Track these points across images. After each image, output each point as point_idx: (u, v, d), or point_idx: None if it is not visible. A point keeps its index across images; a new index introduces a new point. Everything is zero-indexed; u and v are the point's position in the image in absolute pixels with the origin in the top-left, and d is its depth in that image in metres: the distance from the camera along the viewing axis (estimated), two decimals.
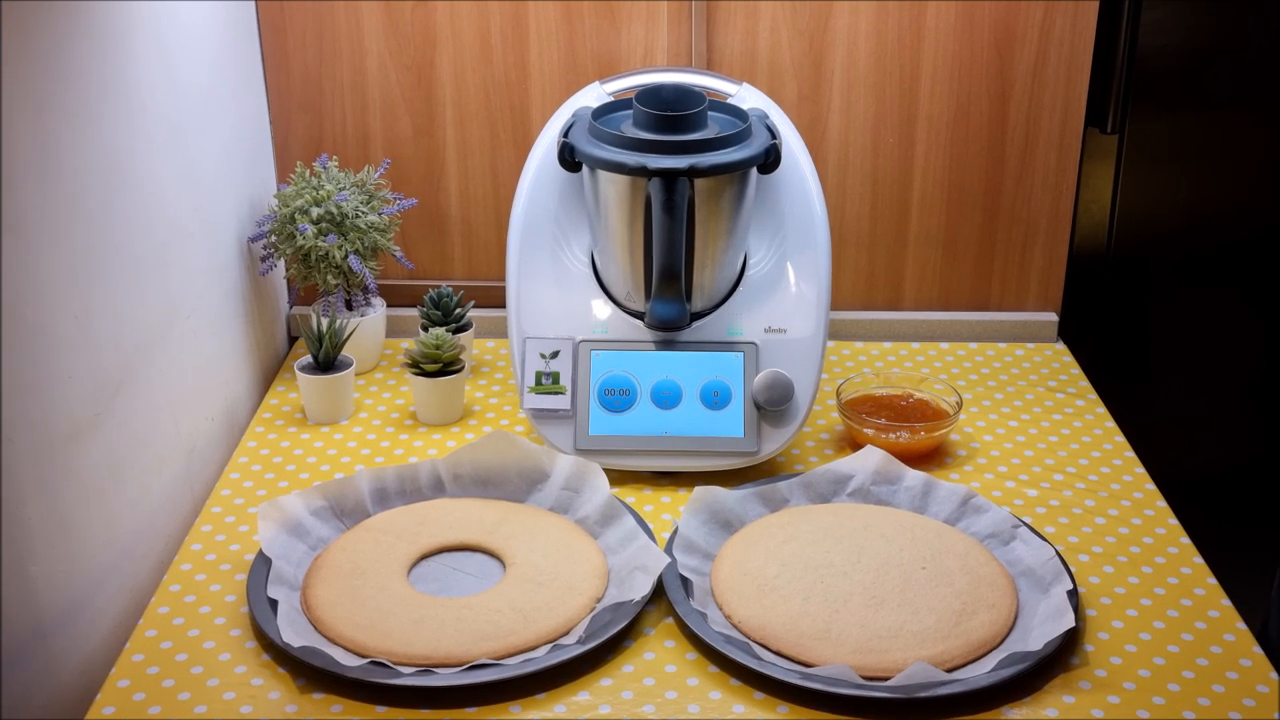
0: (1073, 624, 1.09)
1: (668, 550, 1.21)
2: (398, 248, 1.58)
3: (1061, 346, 1.68)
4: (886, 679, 1.06)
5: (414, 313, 1.63)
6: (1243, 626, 1.14)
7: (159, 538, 1.27)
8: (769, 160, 1.32)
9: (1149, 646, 1.12)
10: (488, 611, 1.13)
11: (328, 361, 1.47)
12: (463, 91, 1.60)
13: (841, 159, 1.62)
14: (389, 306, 1.64)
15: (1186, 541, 1.26)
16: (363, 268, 1.52)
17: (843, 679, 1.06)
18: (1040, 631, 1.10)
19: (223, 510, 1.32)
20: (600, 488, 1.27)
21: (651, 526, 1.26)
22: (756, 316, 1.37)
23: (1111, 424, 1.49)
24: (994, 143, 1.61)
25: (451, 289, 1.55)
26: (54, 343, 1.07)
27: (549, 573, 1.18)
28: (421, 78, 1.60)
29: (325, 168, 1.54)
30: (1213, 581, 1.21)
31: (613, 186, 1.32)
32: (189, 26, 1.36)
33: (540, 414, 1.37)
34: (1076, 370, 1.62)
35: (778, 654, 1.10)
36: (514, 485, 1.32)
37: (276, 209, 1.53)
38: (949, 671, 1.07)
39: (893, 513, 1.27)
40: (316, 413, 1.48)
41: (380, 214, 1.54)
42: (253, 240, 1.54)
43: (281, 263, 1.57)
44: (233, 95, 1.51)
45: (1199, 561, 1.23)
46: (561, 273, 1.40)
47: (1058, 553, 1.19)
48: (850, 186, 1.63)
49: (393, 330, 1.66)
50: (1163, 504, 1.33)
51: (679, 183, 1.26)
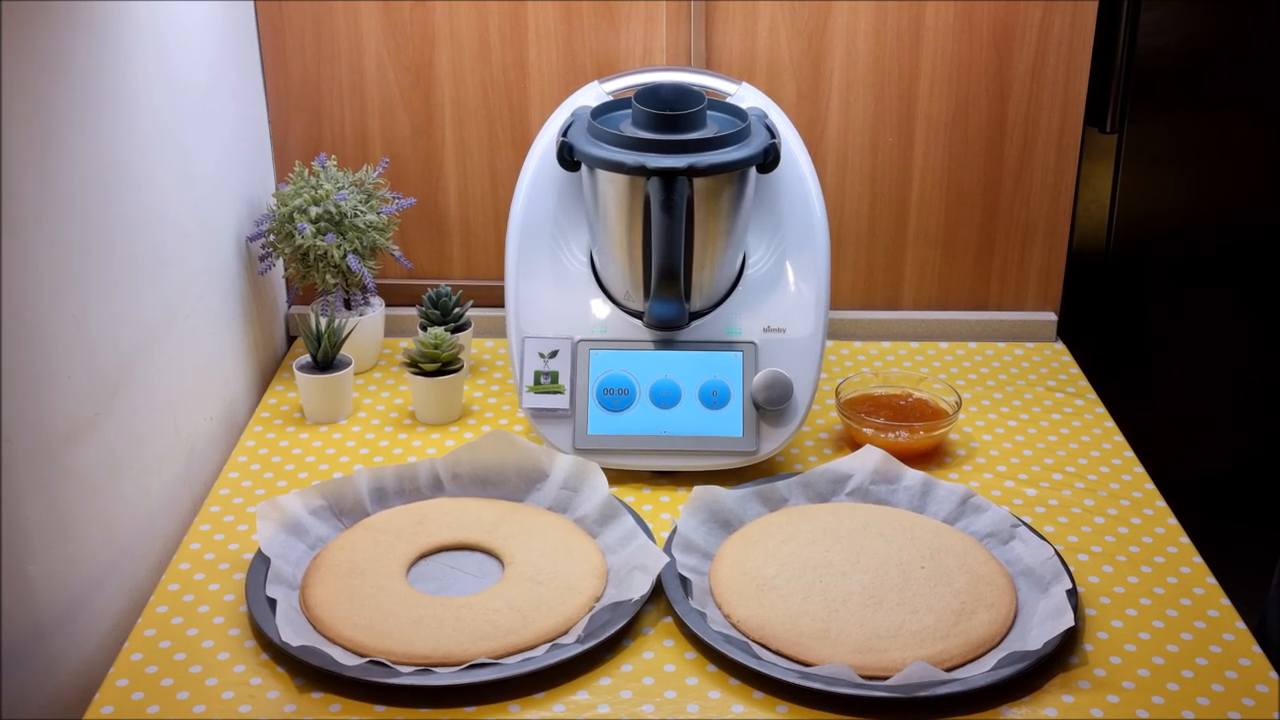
0: (1072, 623, 1.09)
1: (666, 550, 1.21)
2: (396, 247, 1.58)
3: (1060, 346, 1.68)
4: (885, 678, 1.06)
5: (413, 312, 1.63)
6: (1242, 626, 1.14)
7: (158, 537, 1.27)
8: (768, 160, 1.32)
9: (1148, 646, 1.12)
10: (487, 611, 1.13)
11: (326, 361, 1.47)
12: (461, 91, 1.60)
13: (840, 158, 1.62)
14: (387, 306, 1.63)
15: (1186, 541, 1.26)
16: (361, 267, 1.52)
17: (842, 678, 1.06)
18: (1039, 631, 1.10)
19: (221, 509, 1.32)
20: (599, 487, 1.27)
21: (650, 526, 1.26)
22: (755, 316, 1.37)
23: (1110, 423, 1.49)
24: (993, 142, 1.60)
25: (450, 288, 1.54)
26: (52, 343, 1.07)
27: (548, 572, 1.18)
28: (420, 77, 1.60)
29: (324, 167, 1.54)
30: (1212, 581, 1.20)
31: (612, 186, 1.32)
32: (187, 27, 1.36)
33: (539, 413, 1.36)
34: (1075, 370, 1.62)
35: (777, 653, 1.10)
36: (513, 485, 1.31)
37: (275, 208, 1.53)
38: (948, 671, 1.07)
39: (892, 512, 1.27)
40: (315, 412, 1.48)
41: (379, 213, 1.54)
42: (251, 240, 1.54)
43: (280, 262, 1.57)
44: (231, 95, 1.51)
45: (1198, 561, 1.23)
46: (560, 272, 1.40)
47: (1057, 552, 1.19)
48: (849, 186, 1.63)
49: (391, 330, 1.66)
50: (1162, 503, 1.33)
51: (678, 182, 1.26)
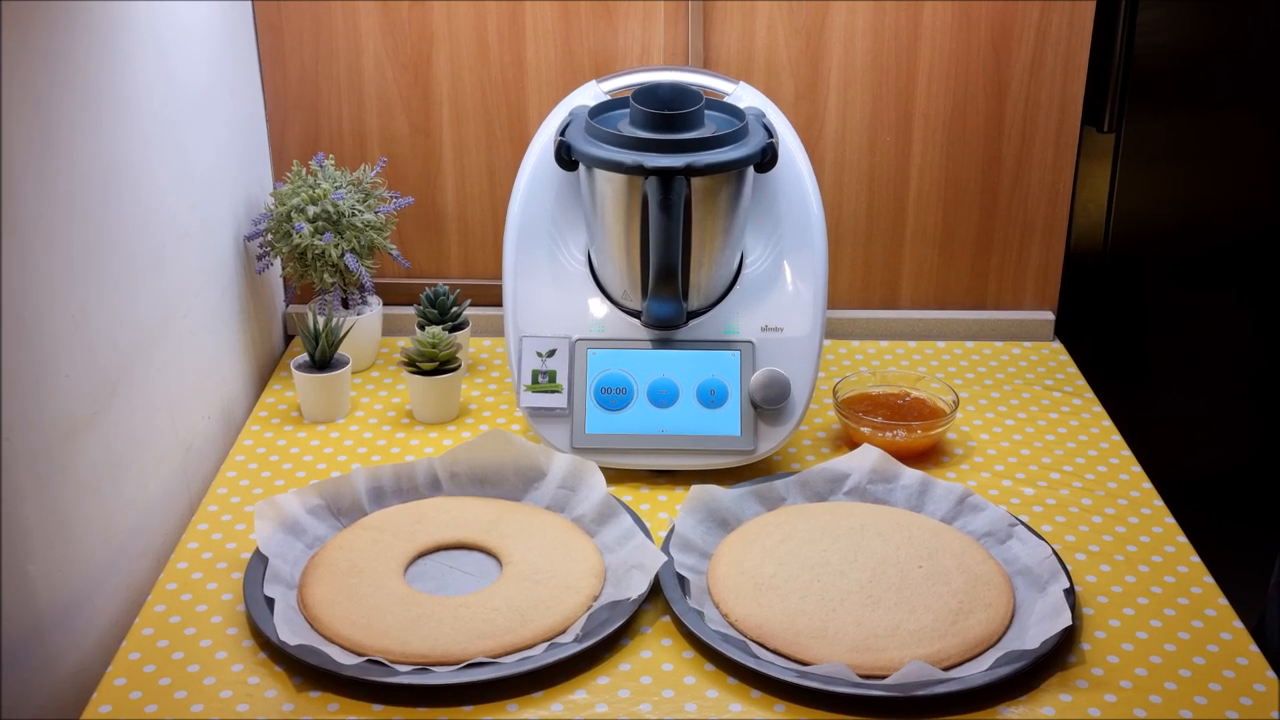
0: (1069, 622, 1.09)
1: (664, 549, 1.21)
2: (394, 246, 1.58)
3: (1058, 345, 1.68)
4: (883, 677, 1.06)
5: (410, 311, 1.63)
6: (1239, 625, 1.14)
7: (156, 536, 1.27)
8: (766, 159, 1.32)
9: (1146, 645, 1.12)
10: (485, 610, 1.13)
11: (324, 360, 1.47)
12: (459, 90, 1.60)
13: (838, 157, 1.62)
14: (385, 305, 1.63)
15: (1183, 540, 1.26)
16: (359, 266, 1.52)
17: (839, 677, 1.06)
18: (1037, 630, 1.10)
19: (219, 509, 1.32)
20: (597, 486, 1.27)
21: (648, 525, 1.26)
22: (753, 315, 1.37)
23: (1108, 422, 1.49)
24: (991, 141, 1.60)
25: (448, 287, 1.54)
26: (51, 342, 1.07)
27: (546, 571, 1.18)
28: (418, 76, 1.59)
29: (321, 166, 1.54)
30: (1209, 580, 1.20)
31: (609, 185, 1.32)
32: (186, 26, 1.36)
33: (537, 412, 1.36)
34: (1073, 369, 1.62)
35: (775, 652, 1.10)
36: (511, 484, 1.31)
37: (273, 207, 1.53)
38: (946, 670, 1.07)
39: (889, 511, 1.27)
40: (313, 411, 1.48)
41: (376, 212, 1.54)
42: (249, 239, 1.53)
43: (278, 261, 1.56)
44: (230, 94, 1.50)
45: (1195, 560, 1.23)
46: (558, 271, 1.40)
47: (1054, 551, 1.19)
48: (847, 185, 1.63)
49: (389, 329, 1.66)
50: (1159, 503, 1.33)
51: (676, 181, 1.26)
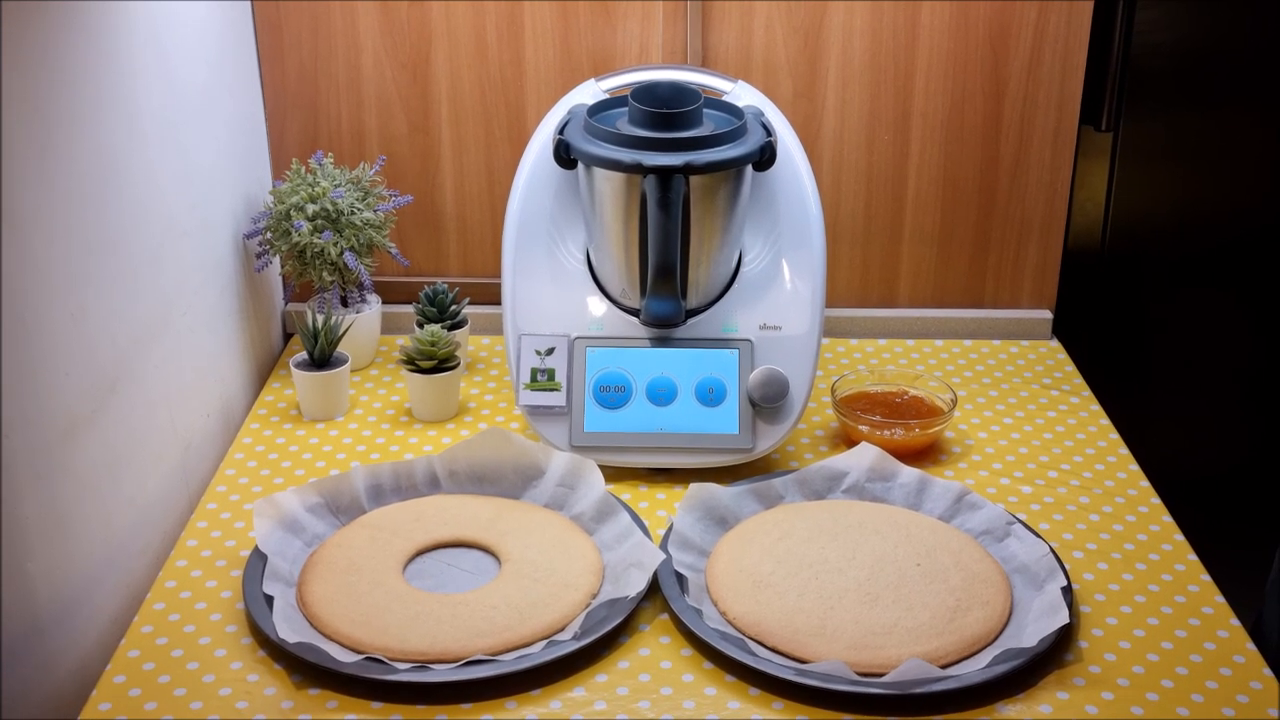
0: (1067, 620, 1.09)
1: (663, 547, 1.21)
2: (393, 244, 1.58)
3: (1056, 344, 1.68)
4: (881, 675, 1.06)
5: (410, 309, 1.63)
6: (1236, 623, 1.14)
7: (155, 534, 1.27)
8: (764, 157, 1.32)
9: (1143, 643, 1.12)
10: (483, 608, 1.13)
11: (323, 358, 1.47)
12: (458, 88, 1.60)
13: (836, 156, 1.62)
14: (384, 303, 1.63)
15: (1180, 539, 1.26)
16: (358, 264, 1.52)
17: (837, 675, 1.06)
18: (1034, 628, 1.10)
19: (218, 506, 1.32)
20: (595, 484, 1.27)
21: (646, 523, 1.26)
22: (751, 313, 1.37)
23: (1106, 421, 1.49)
24: (989, 140, 1.60)
25: (447, 286, 1.54)
26: (51, 340, 1.07)
27: (544, 569, 1.18)
28: (417, 75, 1.59)
29: (320, 165, 1.54)
30: (1206, 578, 1.20)
31: (608, 184, 1.32)
32: (185, 25, 1.36)
33: (535, 411, 1.36)
34: (1071, 368, 1.62)
35: (773, 650, 1.10)
36: (509, 482, 1.31)
37: (272, 206, 1.53)
38: (943, 668, 1.07)
39: (887, 509, 1.27)
40: (312, 409, 1.48)
41: (375, 211, 1.54)
42: (248, 237, 1.53)
43: (277, 259, 1.56)
44: (229, 93, 1.50)
45: (1192, 559, 1.23)
46: (557, 270, 1.40)
47: (1051, 549, 1.19)
48: (845, 183, 1.63)
49: (388, 327, 1.66)
50: (1156, 501, 1.33)
51: (674, 180, 1.26)
